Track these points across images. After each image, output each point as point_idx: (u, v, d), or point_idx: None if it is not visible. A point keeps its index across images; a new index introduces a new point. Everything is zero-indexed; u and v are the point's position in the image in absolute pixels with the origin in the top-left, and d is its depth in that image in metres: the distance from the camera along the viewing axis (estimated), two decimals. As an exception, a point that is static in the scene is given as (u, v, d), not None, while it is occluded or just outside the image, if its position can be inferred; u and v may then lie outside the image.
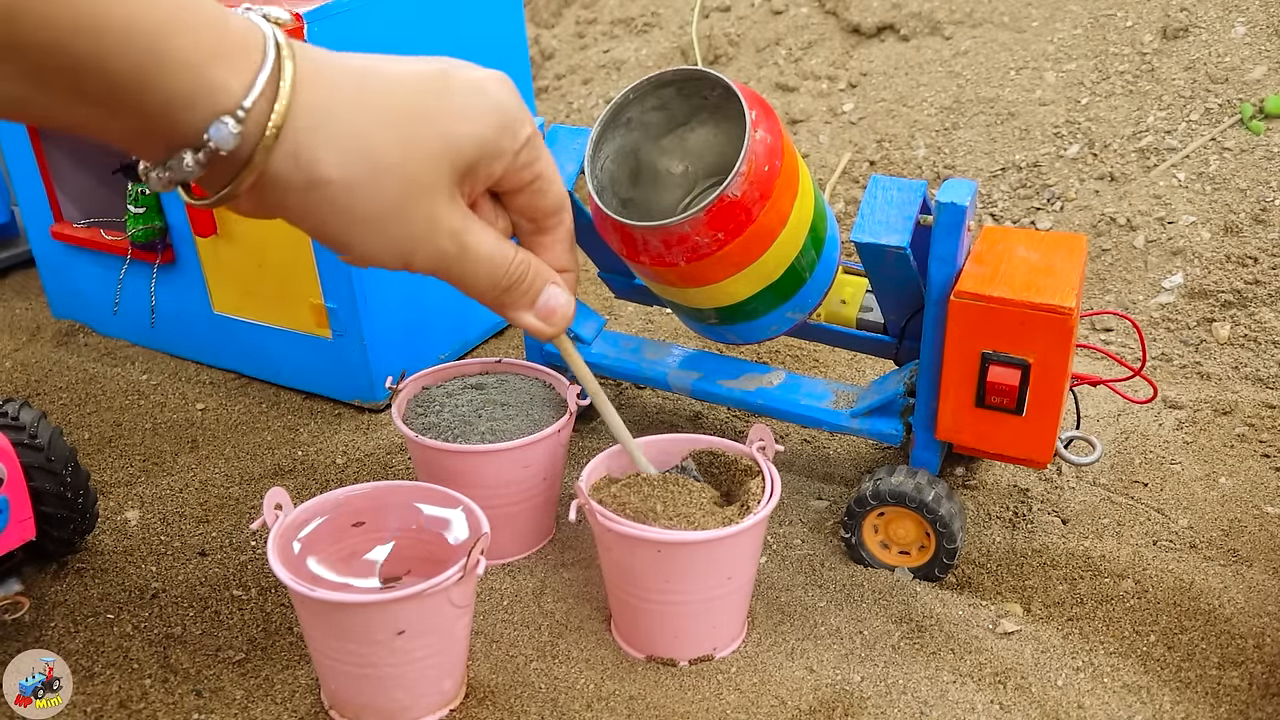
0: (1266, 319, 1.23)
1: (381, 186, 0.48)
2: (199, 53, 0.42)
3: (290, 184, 0.46)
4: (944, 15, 1.73)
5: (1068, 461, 0.95)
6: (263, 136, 0.44)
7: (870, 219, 0.87)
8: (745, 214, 0.82)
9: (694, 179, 0.97)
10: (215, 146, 0.43)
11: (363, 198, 0.48)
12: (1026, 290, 0.82)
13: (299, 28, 0.98)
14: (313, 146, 0.46)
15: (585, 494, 0.81)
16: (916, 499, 0.89)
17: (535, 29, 2.11)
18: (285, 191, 0.46)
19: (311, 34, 0.99)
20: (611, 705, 0.80)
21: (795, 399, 0.99)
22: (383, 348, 1.16)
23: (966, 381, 0.86)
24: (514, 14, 1.27)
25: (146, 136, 0.44)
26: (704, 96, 0.90)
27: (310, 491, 1.06)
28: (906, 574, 0.93)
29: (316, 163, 0.46)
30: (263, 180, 0.46)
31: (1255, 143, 1.39)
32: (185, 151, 0.44)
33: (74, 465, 0.91)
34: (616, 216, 0.84)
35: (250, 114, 0.43)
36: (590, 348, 1.08)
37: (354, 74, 0.48)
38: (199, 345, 1.30)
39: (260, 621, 0.90)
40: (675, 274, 0.86)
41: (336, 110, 0.46)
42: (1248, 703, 0.80)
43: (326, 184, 0.47)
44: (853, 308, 1.02)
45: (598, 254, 1.11)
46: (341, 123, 0.46)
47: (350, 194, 0.47)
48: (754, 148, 0.81)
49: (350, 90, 0.47)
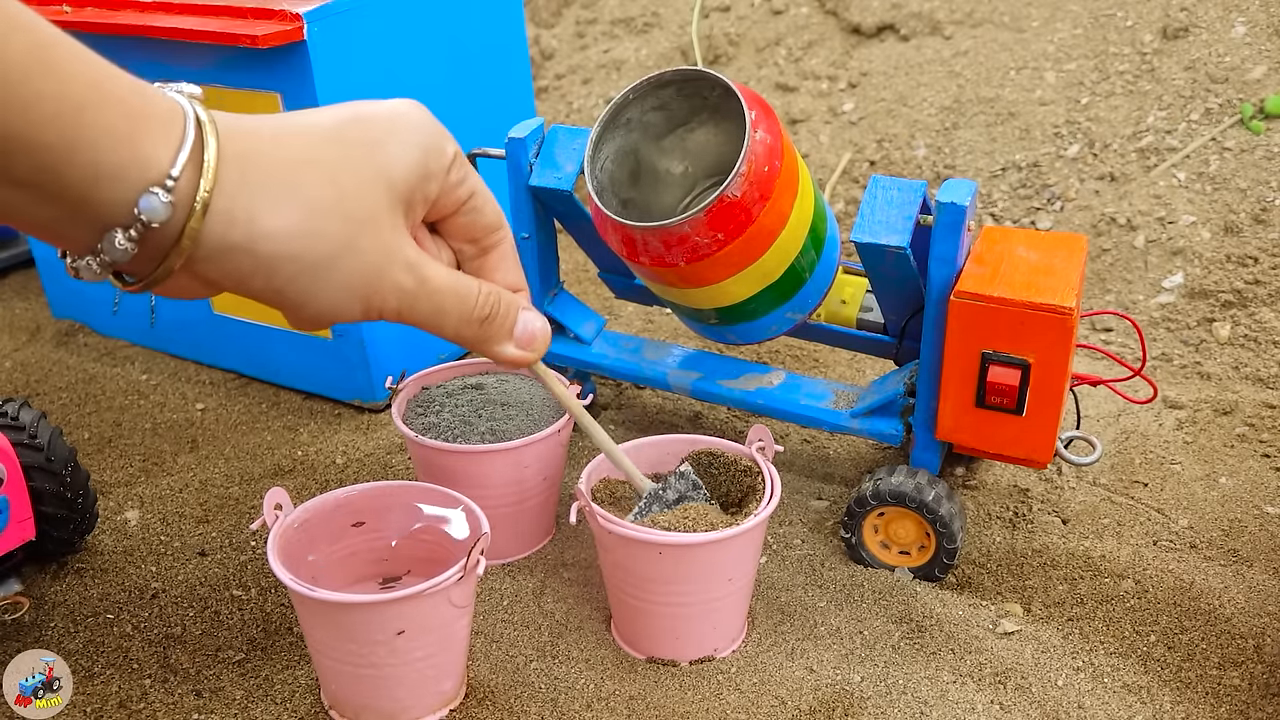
0: (1266, 319, 1.23)
1: (323, 227, 0.47)
2: (125, 123, 0.41)
3: (232, 247, 0.45)
4: (944, 15, 1.73)
5: (1068, 462, 0.95)
6: (193, 206, 0.43)
7: (870, 219, 0.87)
8: (745, 214, 0.82)
9: (694, 179, 0.97)
10: (147, 220, 0.42)
11: (307, 242, 0.46)
12: (1026, 290, 0.82)
13: (298, 28, 0.98)
14: (246, 203, 0.44)
15: (586, 496, 0.81)
16: (916, 499, 0.89)
17: (535, 29, 2.11)
18: (227, 256, 0.45)
19: (311, 34, 0.99)
20: (611, 705, 0.80)
21: (795, 399, 0.99)
22: (382, 347, 1.16)
23: (966, 381, 0.86)
24: (514, 14, 1.27)
25: (74, 219, 0.42)
26: (704, 97, 0.90)
27: (310, 491, 1.06)
28: (906, 574, 0.93)
29: (253, 219, 0.45)
30: (199, 253, 0.44)
31: (1255, 143, 1.39)
32: (115, 231, 0.42)
33: (74, 465, 0.91)
34: (616, 217, 0.84)
35: (179, 183, 0.42)
36: (590, 347, 1.08)
37: (269, 124, 0.47)
38: (199, 345, 1.30)
39: (260, 621, 0.90)
40: (675, 274, 0.86)
41: (261, 161, 0.45)
42: (1248, 703, 0.80)
43: (267, 237, 0.45)
44: (853, 308, 1.02)
45: (598, 254, 1.11)
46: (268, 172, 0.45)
47: (293, 241, 0.46)
48: (754, 148, 0.81)
49: (269, 137, 0.46)
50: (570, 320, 1.09)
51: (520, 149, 1.00)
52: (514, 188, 1.02)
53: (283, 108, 1.03)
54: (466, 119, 1.21)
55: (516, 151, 1.00)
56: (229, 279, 0.46)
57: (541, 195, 1.01)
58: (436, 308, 0.53)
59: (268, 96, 1.03)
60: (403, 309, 0.52)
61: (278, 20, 0.99)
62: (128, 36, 1.06)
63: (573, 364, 1.09)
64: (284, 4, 1.01)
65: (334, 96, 1.02)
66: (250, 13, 1.01)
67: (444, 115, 1.18)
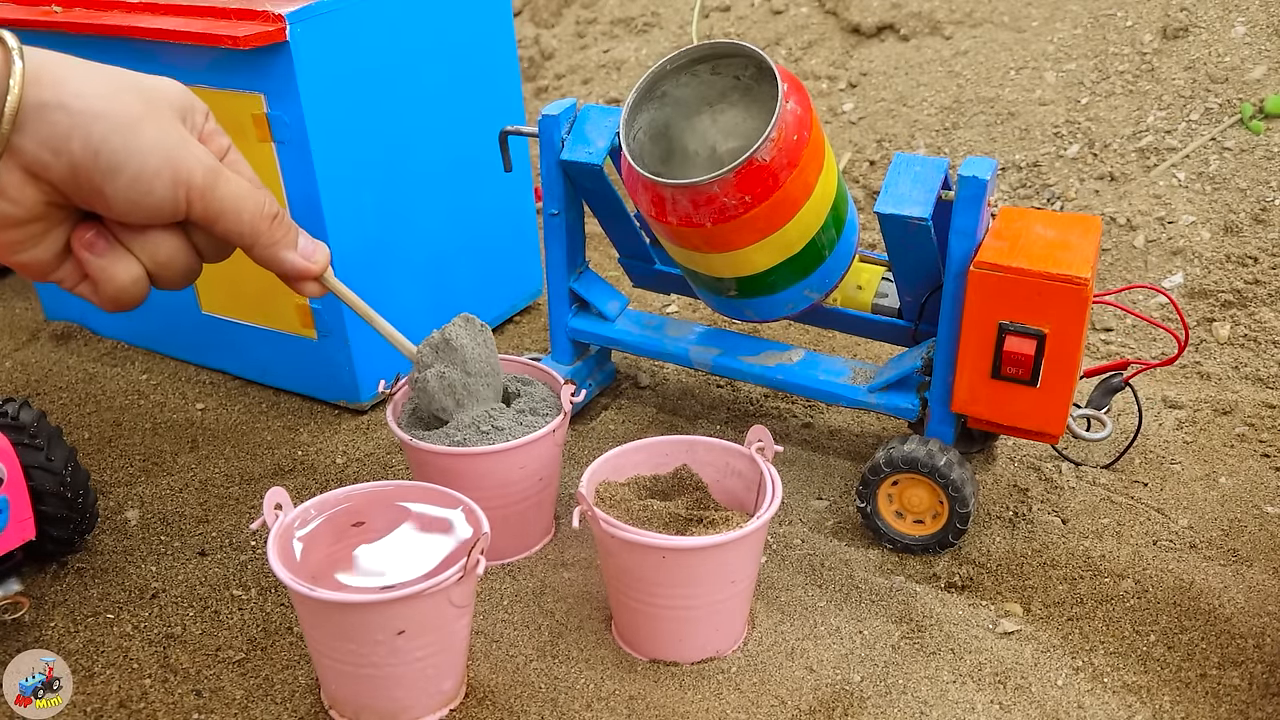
0: (1266, 319, 1.23)
1: (124, 96, 0.56)
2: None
3: (44, 103, 0.54)
4: (944, 15, 1.73)
5: (1076, 436, 0.96)
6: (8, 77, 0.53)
7: (893, 192, 0.90)
8: (773, 179, 0.84)
9: (722, 163, 0.98)
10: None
11: (111, 102, 0.56)
12: (1044, 261, 0.84)
13: (280, 29, 0.98)
14: (53, 73, 0.54)
15: (589, 500, 0.81)
16: (929, 464, 0.91)
17: (535, 29, 2.12)
18: (42, 114, 0.54)
19: (294, 35, 0.99)
20: (611, 705, 0.80)
21: (814, 374, 1.02)
22: (367, 349, 1.16)
23: (983, 352, 0.88)
24: (501, 14, 1.27)
25: None
26: (736, 76, 0.93)
27: (310, 491, 1.06)
28: (905, 579, 0.93)
29: (60, 82, 0.54)
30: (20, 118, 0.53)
31: (1255, 143, 1.39)
32: None
33: (74, 465, 0.91)
34: (648, 174, 0.86)
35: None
36: (614, 324, 1.11)
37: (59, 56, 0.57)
38: (188, 345, 1.30)
39: (260, 621, 0.90)
40: (700, 236, 0.88)
41: (63, 63, 0.55)
42: (1248, 703, 0.80)
43: (77, 95, 0.54)
44: (868, 293, 1.04)
45: (621, 236, 1.13)
46: (69, 63, 0.56)
47: (99, 100, 0.55)
48: (784, 116, 0.84)
49: (66, 59, 0.56)
50: (595, 298, 1.11)
51: (553, 126, 1.03)
52: (545, 164, 1.05)
53: (266, 109, 1.03)
54: (452, 119, 1.21)
55: (549, 128, 1.03)
56: (47, 148, 0.55)
57: (572, 171, 1.04)
58: (235, 193, 0.62)
59: (251, 97, 1.03)
60: (206, 186, 0.60)
61: (260, 21, 0.99)
62: (114, 37, 1.07)
63: (597, 340, 1.12)
64: (267, 5, 1.01)
65: (317, 97, 1.02)
66: (234, 14, 1.01)
67: (430, 115, 1.19)
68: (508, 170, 1.11)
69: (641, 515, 0.84)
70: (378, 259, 1.15)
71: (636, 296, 1.43)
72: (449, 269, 1.25)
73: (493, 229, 1.31)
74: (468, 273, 1.28)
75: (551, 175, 1.05)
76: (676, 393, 1.22)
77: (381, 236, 1.15)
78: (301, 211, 1.08)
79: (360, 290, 1.15)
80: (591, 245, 1.53)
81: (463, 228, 1.26)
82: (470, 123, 1.24)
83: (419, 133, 1.17)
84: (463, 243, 1.27)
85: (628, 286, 1.39)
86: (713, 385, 1.23)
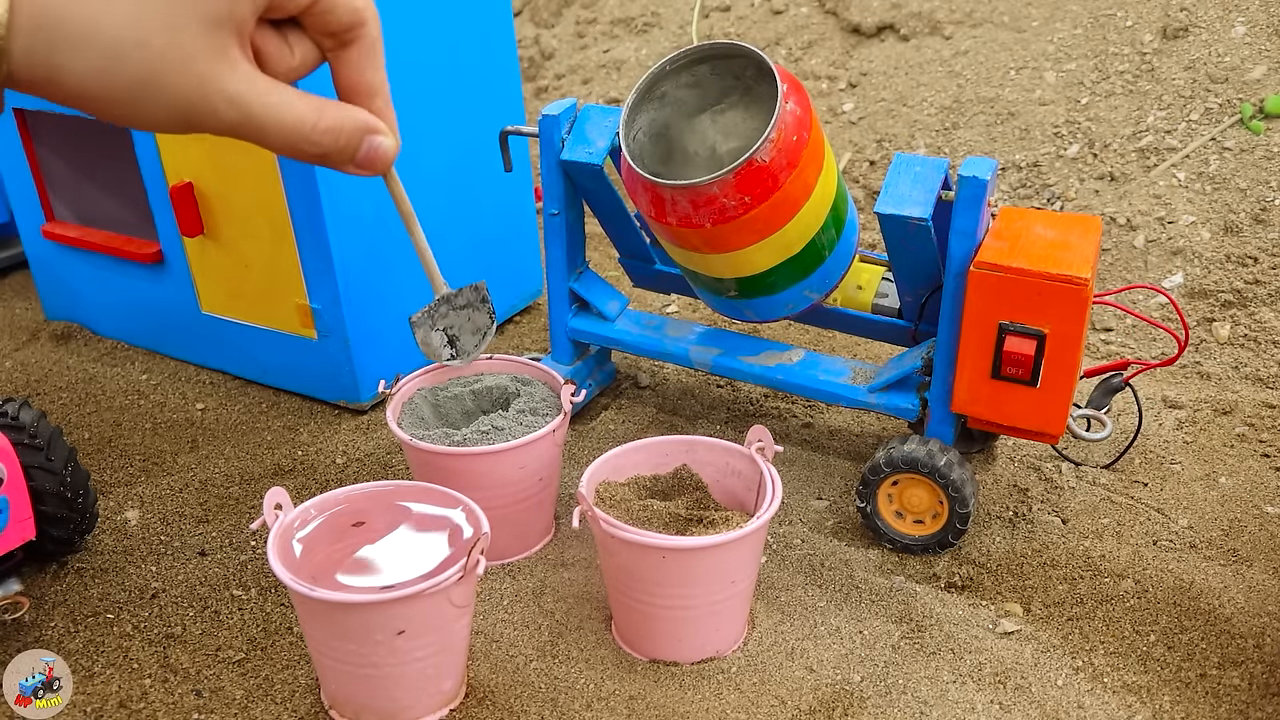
0: (1266, 319, 1.23)
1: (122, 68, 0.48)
2: None
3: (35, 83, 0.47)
4: (944, 15, 1.73)
5: (1076, 436, 0.96)
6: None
7: (893, 192, 0.90)
8: (772, 179, 0.84)
9: (722, 164, 0.98)
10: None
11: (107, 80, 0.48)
12: (1044, 262, 0.84)
13: None
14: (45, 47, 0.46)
15: (589, 501, 0.81)
16: (929, 464, 0.91)
17: (535, 29, 2.12)
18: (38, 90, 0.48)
19: None
20: (611, 705, 0.80)
21: (814, 374, 1.02)
22: (367, 348, 1.16)
23: (983, 352, 0.88)
24: (502, 14, 1.27)
25: None
26: (737, 77, 0.93)
27: (310, 491, 1.06)
28: (905, 579, 0.93)
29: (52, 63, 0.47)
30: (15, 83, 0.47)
31: (1255, 143, 1.39)
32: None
33: (74, 465, 0.91)
34: (647, 175, 0.86)
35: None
36: (614, 324, 1.11)
37: None
38: (188, 345, 1.30)
39: (260, 621, 0.90)
40: (700, 237, 0.88)
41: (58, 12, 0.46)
42: (1248, 703, 0.80)
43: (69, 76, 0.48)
44: (868, 293, 1.04)
45: (621, 236, 1.13)
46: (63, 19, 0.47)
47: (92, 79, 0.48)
48: (784, 117, 0.84)
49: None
50: (595, 298, 1.12)
51: (553, 126, 1.03)
52: (546, 164, 1.05)
53: None
54: (452, 119, 1.21)
55: (549, 128, 1.03)
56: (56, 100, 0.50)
57: (572, 171, 1.04)
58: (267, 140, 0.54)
59: None
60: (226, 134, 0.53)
61: None
62: None
63: (597, 340, 1.12)
64: None
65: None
66: None
67: (430, 115, 1.19)
68: (508, 170, 1.11)
69: (641, 515, 0.84)
70: (378, 259, 1.15)
71: (636, 296, 1.43)
72: (449, 269, 1.25)
73: (493, 229, 1.31)
74: (468, 272, 1.28)
75: (552, 175, 1.05)
76: (676, 393, 1.22)
77: (381, 236, 1.15)
78: (302, 211, 1.08)
79: (360, 289, 1.15)
80: (591, 245, 1.53)
81: (463, 227, 1.26)
82: (470, 123, 1.24)
83: (419, 132, 1.17)
84: (463, 242, 1.27)
85: (628, 286, 1.39)
86: (713, 385, 1.23)
